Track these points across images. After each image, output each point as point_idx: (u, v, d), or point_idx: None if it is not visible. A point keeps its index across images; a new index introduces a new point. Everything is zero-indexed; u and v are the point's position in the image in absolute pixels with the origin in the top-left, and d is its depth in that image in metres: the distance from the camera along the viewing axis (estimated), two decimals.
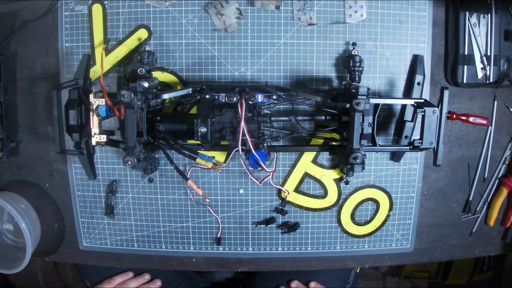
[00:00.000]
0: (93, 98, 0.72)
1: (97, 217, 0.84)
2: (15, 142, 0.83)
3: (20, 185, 0.85)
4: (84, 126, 0.71)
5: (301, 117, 0.75)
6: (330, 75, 0.78)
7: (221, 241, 0.84)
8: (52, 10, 0.78)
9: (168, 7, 0.76)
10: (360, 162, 0.65)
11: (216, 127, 0.70)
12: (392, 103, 0.72)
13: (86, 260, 0.87)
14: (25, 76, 0.82)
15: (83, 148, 0.72)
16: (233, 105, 0.68)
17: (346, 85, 0.72)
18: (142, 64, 0.72)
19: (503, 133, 0.84)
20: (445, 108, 0.66)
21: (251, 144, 0.68)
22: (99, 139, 0.74)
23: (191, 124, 0.68)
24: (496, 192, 0.86)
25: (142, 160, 0.69)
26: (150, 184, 0.82)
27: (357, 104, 0.63)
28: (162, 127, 0.72)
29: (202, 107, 0.68)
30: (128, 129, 0.66)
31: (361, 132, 0.66)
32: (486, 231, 0.89)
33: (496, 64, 0.78)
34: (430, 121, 0.66)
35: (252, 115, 0.70)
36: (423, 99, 0.69)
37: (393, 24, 0.77)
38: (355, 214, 0.83)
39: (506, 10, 0.78)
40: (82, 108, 0.70)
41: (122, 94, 0.63)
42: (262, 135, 0.72)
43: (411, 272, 1.66)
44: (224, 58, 0.78)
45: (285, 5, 0.76)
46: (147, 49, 0.74)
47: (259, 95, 0.67)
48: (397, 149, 0.72)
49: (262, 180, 0.78)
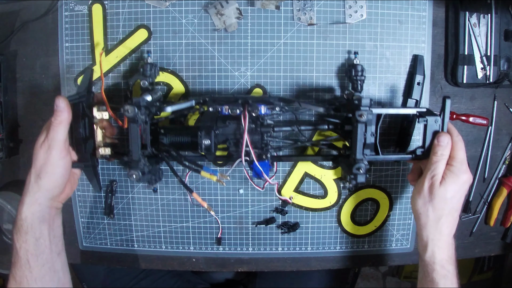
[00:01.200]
0: (96, 111, 0.72)
1: (97, 217, 0.84)
2: (15, 142, 0.83)
3: (20, 185, 0.85)
4: (88, 139, 0.71)
5: (304, 127, 0.75)
6: (330, 75, 0.78)
7: (221, 241, 0.84)
8: (52, 10, 0.78)
9: (168, 7, 0.76)
10: (364, 173, 0.65)
11: (220, 138, 0.70)
12: (394, 112, 0.72)
13: (86, 260, 0.87)
14: (25, 76, 0.82)
15: (88, 161, 0.72)
16: (236, 117, 0.68)
17: (349, 95, 0.72)
18: (145, 76, 0.72)
19: (503, 133, 0.84)
20: (447, 117, 0.66)
21: (254, 156, 0.68)
22: (104, 152, 0.74)
23: (194, 136, 0.69)
24: (496, 192, 0.86)
25: (147, 173, 0.70)
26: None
27: (360, 116, 0.63)
28: (166, 139, 0.73)
29: (205, 119, 0.68)
30: (132, 143, 0.67)
31: (364, 142, 0.66)
32: (486, 231, 0.89)
33: (496, 64, 0.78)
34: (432, 130, 0.67)
35: (255, 126, 0.70)
36: (426, 108, 0.69)
37: (393, 24, 0.77)
38: (355, 214, 0.83)
39: (506, 10, 0.78)
40: (86, 121, 0.71)
41: (126, 109, 0.63)
42: (266, 145, 0.72)
43: (411, 272, 1.67)
44: (224, 58, 0.78)
45: (285, 5, 0.76)
46: (149, 61, 0.74)
47: (262, 106, 0.68)
48: (399, 158, 0.73)
49: (263, 186, 0.79)
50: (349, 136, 0.70)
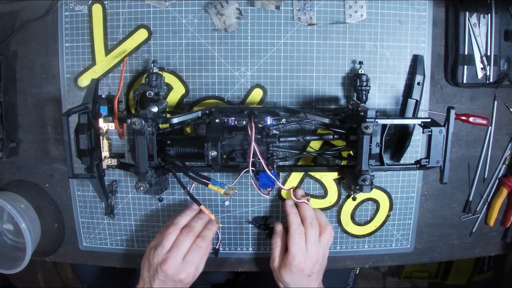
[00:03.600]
0: (102, 122, 0.73)
1: (97, 217, 0.84)
2: (15, 142, 0.83)
3: (20, 185, 0.85)
4: (94, 150, 0.72)
5: (309, 137, 0.75)
6: (330, 75, 0.78)
7: (218, 252, 0.84)
8: (52, 10, 0.78)
9: (168, 7, 0.76)
10: (369, 184, 0.65)
11: (226, 149, 0.70)
12: (399, 123, 0.73)
13: (86, 260, 0.87)
14: (25, 76, 0.82)
15: (94, 172, 0.72)
16: (242, 128, 0.68)
17: (354, 106, 0.72)
18: (151, 87, 0.72)
19: (503, 133, 0.84)
20: (451, 128, 0.67)
21: (265, 166, 0.68)
22: (110, 162, 0.74)
23: (201, 148, 0.69)
24: (496, 192, 0.86)
25: (154, 185, 0.70)
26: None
27: (366, 128, 0.63)
28: (173, 151, 0.73)
29: (211, 130, 0.68)
30: (139, 155, 0.66)
31: (369, 153, 0.66)
32: (486, 231, 0.89)
33: (496, 64, 0.78)
34: (436, 141, 0.67)
35: (261, 137, 0.70)
36: (430, 118, 0.69)
37: (393, 24, 0.77)
38: (355, 214, 0.83)
39: (506, 10, 0.78)
40: (92, 132, 0.71)
41: (133, 122, 0.63)
42: (271, 155, 0.72)
43: (411, 272, 1.67)
44: (224, 58, 0.78)
45: (285, 5, 0.76)
46: (155, 71, 0.74)
47: (268, 118, 0.68)
48: (405, 168, 0.73)
49: (268, 192, 0.79)
50: (354, 146, 0.70)
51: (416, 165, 0.70)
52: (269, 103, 0.78)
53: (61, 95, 0.80)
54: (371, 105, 0.78)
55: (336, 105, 0.79)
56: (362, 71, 0.74)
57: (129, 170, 0.77)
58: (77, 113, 0.70)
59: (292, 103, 0.79)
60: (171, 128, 0.75)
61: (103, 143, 0.74)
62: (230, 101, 0.79)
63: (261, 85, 0.78)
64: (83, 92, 0.78)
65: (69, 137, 0.68)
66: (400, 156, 0.78)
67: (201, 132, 0.79)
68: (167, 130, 0.75)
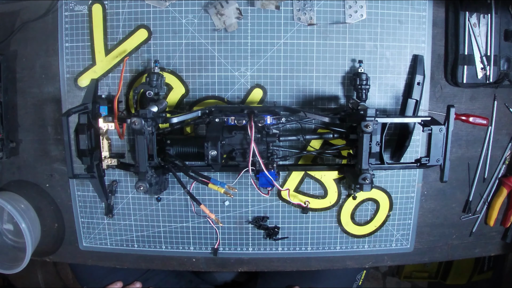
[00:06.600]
0: (102, 122, 0.73)
1: (97, 217, 0.84)
2: (15, 142, 0.83)
3: (20, 185, 0.85)
4: (94, 150, 0.72)
5: (309, 136, 0.75)
6: (330, 75, 0.78)
7: (217, 251, 0.84)
8: (52, 10, 0.78)
9: (168, 7, 0.76)
10: (369, 182, 0.65)
11: (226, 149, 0.70)
12: (399, 121, 0.73)
13: (86, 260, 0.87)
14: (25, 76, 0.82)
15: (94, 172, 0.72)
16: (242, 127, 0.68)
17: (354, 104, 0.72)
18: (151, 86, 0.72)
19: (503, 133, 0.84)
20: (451, 126, 0.67)
21: (263, 166, 0.68)
22: (110, 162, 0.74)
23: (201, 147, 0.69)
24: (496, 192, 0.86)
25: (154, 185, 0.70)
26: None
27: (366, 127, 0.63)
28: (173, 150, 0.73)
29: (211, 129, 0.68)
30: (139, 155, 0.67)
31: (369, 152, 0.66)
32: (486, 231, 0.89)
33: (496, 64, 0.78)
34: (436, 139, 0.67)
35: (261, 136, 0.70)
36: (430, 117, 0.69)
37: (393, 24, 0.77)
38: (355, 214, 0.83)
39: (506, 10, 0.78)
40: (92, 132, 0.71)
41: (133, 121, 0.63)
42: (271, 155, 0.72)
43: (411, 272, 1.67)
44: (224, 58, 0.78)
45: (285, 5, 0.76)
46: (156, 71, 0.74)
47: (268, 117, 0.68)
48: (405, 167, 0.73)
49: (268, 192, 0.79)
50: (354, 145, 0.70)
51: (416, 163, 0.70)
52: (269, 102, 0.78)
53: (61, 95, 0.80)
54: (371, 105, 0.78)
55: (336, 105, 0.79)
56: (361, 69, 0.74)
57: (129, 170, 0.77)
58: (77, 113, 0.70)
59: (292, 102, 0.79)
60: (171, 128, 0.75)
61: (103, 143, 0.74)
62: (230, 101, 0.79)
63: (261, 85, 0.78)
64: (83, 92, 0.78)
65: (69, 137, 0.68)
66: (400, 156, 0.77)
67: (201, 132, 0.79)
68: (167, 130, 0.75)
